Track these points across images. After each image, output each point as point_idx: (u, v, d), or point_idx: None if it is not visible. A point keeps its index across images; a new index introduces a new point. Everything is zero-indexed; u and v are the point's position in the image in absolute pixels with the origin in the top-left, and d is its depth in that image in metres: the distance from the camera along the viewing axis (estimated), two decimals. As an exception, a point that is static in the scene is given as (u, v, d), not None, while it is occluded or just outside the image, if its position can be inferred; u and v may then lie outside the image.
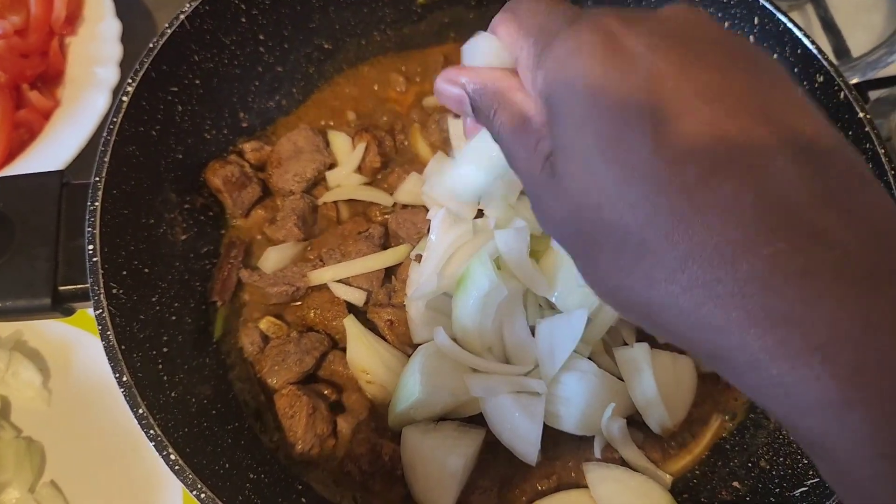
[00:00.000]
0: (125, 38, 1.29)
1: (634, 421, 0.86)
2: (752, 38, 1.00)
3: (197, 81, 0.93)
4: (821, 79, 0.92)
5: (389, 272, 0.94)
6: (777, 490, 0.78)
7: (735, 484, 0.82)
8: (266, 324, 0.89)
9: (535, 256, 0.88)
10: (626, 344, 0.90)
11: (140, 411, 0.67)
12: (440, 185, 0.87)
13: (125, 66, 1.25)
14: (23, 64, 1.23)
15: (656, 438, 0.87)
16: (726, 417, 0.90)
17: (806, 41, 0.92)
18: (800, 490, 0.75)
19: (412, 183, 1.00)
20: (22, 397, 1.06)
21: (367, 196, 1.00)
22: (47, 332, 1.10)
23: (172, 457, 0.65)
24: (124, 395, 0.68)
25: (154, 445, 0.66)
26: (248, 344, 0.88)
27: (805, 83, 0.94)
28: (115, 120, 0.80)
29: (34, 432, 1.04)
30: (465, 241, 0.88)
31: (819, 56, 0.91)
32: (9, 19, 1.25)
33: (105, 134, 0.79)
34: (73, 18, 1.30)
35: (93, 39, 1.28)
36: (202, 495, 0.64)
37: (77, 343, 1.09)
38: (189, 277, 0.90)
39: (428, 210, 0.97)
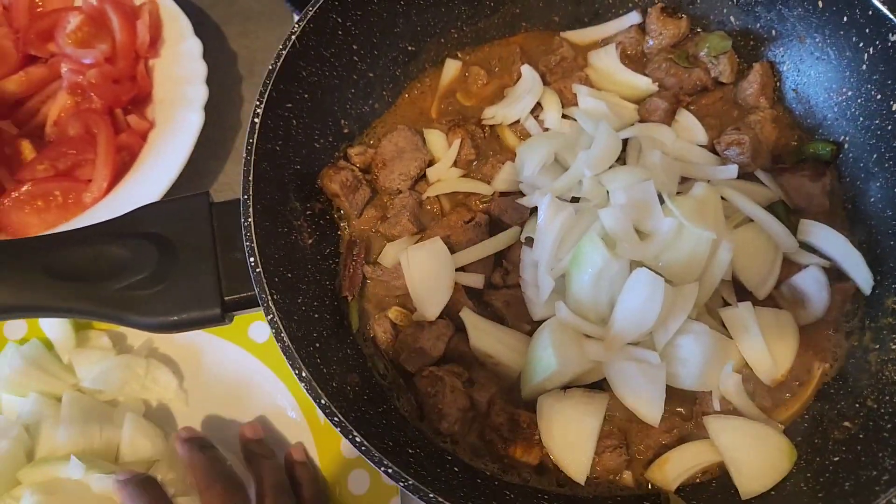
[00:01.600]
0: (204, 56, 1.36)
1: (743, 373, 0.93)
2: (820, 2, 1.04)
3: (306, 95, 1.00)
4: (893, 38, 0.96)
5: (499, 256, 1.01)
6: (889, 426, 0.84)
7: (846, 424, 0.89)
8: (395, 313, 0.97)
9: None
10: (726, 304, 0.97)
11: (323, 402, 0.75)
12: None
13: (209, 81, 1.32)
14: (116, 89, 1.31)
15: (766, 388, 0.94)
16: (827, 364, 0.96)
17: (877, 2, 0.97)
18: (911, 424, 0.82)
19: (507, 171, 1.07)
20: (162, 400, 1.16)
21: (468, 187, 1.06)
22: (176, 338, 1.19)
23: (358, 439, 0.74)
24: (306, 389, 0.76)
25: (340, 430, 0.74)
26: (381, 333, 0.96)
27: (878, 42, 0.99)
28: (251, 141, 0.88)
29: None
30: (572, 223, 0.95)
31: (892, 16, 0.96)
32: (98, 48, 1.33)
33: (245, 154, 0.87)
34: (155, 41, 1.37)
35: (176, 59, 1.36)
36: (389, 470, 0.73)
37: (205, 346, 1.18)
38: (320, 277, 0.98)
39: (525, 195, 1.03)
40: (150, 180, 1.25)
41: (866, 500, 0.74)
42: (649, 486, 0.90)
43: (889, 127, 1.00)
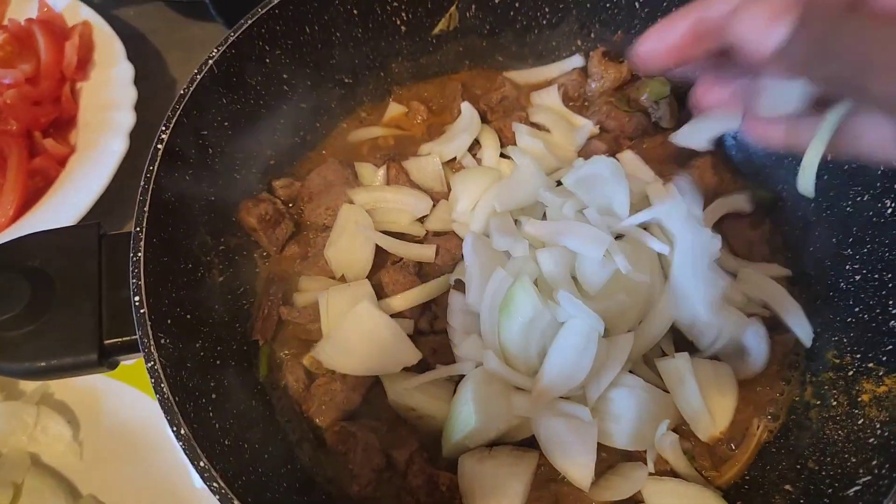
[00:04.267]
0: (137, 80, 1.29)
1: (681, 430, 0.87)
2: (759, 51, 1.04)
3: (226, 123, 0.94)
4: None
5: (428, 301, 0.95)
6: (829, 491, 0.79)
7: (787, 487, 0.84)
8: (309, 360, 0.89)
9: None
10: (665, 355, 0.92)
11: (202, 464, 0.66)
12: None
13: (140, 108, 1.26)
14: (35, 112, 1.23)
15: (704, 447, 0.88)
16: (769, 418, 0.91)
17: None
18: (853, 489, 0.77)
19: (442, 210, 1.01)
20: (52, 453, 1.04)
21: (399, 227, 1.00)
22: (74, 382, 1.08)
23: (241, 506, 0.65)
24: (183, 449, 0.67)
25: (219, 499, 0.65)
26: (292, 381, 0.88)
27: (814, 92, 0.98)
28: (151, 168, 0.81)
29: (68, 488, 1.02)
30: (500, 263, 0.89)
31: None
32: (19, 68, 1.25)
33: (143, 183, 0.80)
34: (85, 63, 1.30)
35: (105, 84, 1.29)
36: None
37: (105, 392, 1.07)
38: (229, 319, 0.90)
39: (459, 236, 0.98)
40: (63, 208, 1.16)
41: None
42: (579, 557, 0.82)
43: (825, 176, 0.99)
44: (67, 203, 1.17)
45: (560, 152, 1.06)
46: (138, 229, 0.76)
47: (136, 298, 0.73)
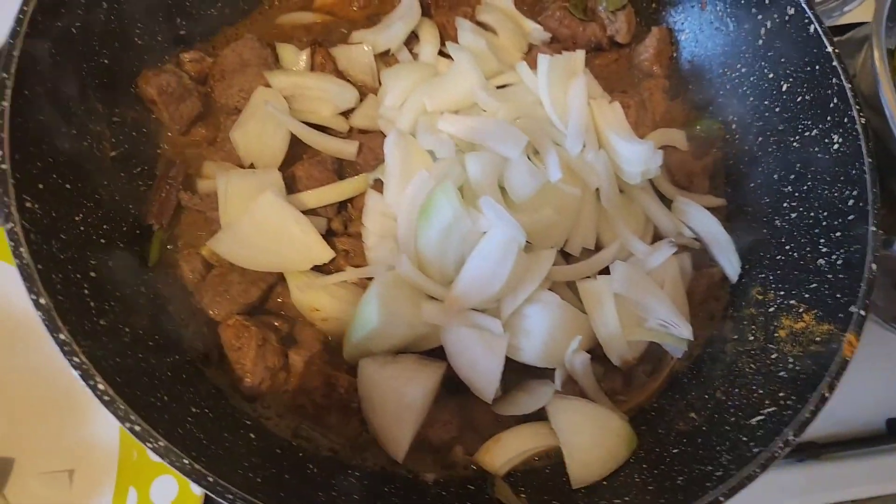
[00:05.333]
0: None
1: (594, 354, 0.85)
2: (722, -31, 0.97)
3: (126, -28, 0.82)
4: (791, 11, 0.90)
5: (347, 200, 0.88)
6: (733, 419, 0.78)
7: (692, 415, 0.83)
8: (208, 251, 0.82)
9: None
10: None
11: (61, 336, 0.59)
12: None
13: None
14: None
15: (616, 371, 0.86)
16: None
17: (778, -27, 0.90)
18: (756, 419, 0.76)
19: (369, 105, 0.93)
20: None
21: (320, 119, 0.92)
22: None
23: (101, 387, 0.59)
24: (42, 319, 0.60)
25: (79, 375, 0.59)
26: (188, 272, 0.81)
27: (776, 16, 0.92)
28: (24, 9, 0.69)
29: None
30: (424, 165, 0.83)
31: (791, -12, 0.89)
32: None
33: (13, 24, 0.68)
34: None
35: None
36: (136, 428, 0.58)
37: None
38: (120, 198, 0.81)
39: (385, 134, 0.91)
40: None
41: (694, 495, 0.67)
42: (475, 469, 0.80)
43: (777, 109, 0.95)
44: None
45: (504, 56, 0.98)
46: (5, 75, 0.66)
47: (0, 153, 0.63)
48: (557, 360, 0.81)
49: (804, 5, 0.88)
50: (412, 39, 0.99)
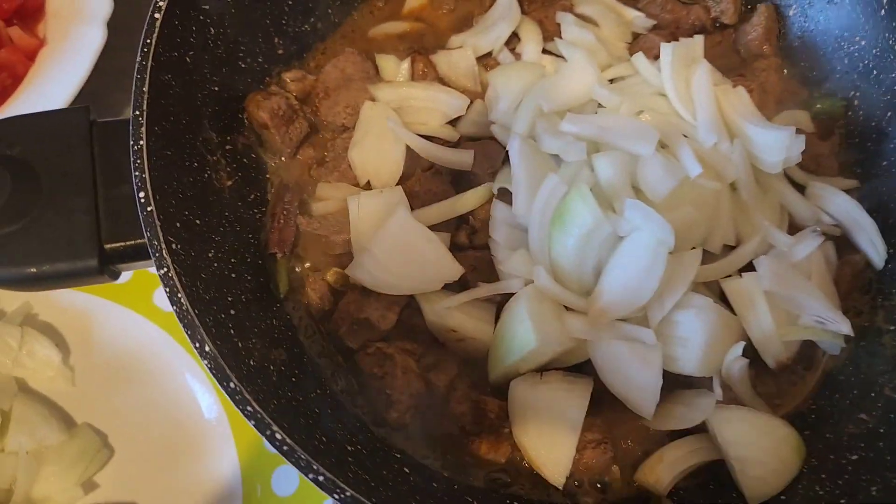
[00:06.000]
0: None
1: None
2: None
3: (231, 7, 0.79)
4: (925, -25, 0.84)
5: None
6: (913, 418, 0.73)
7: (862, 416, 0.77)
8: (334, 276, 0.79)
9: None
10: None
11: (232, 385, 0.56)
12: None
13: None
14: (-6, -3, 1.05)
15: (767, 374, 0.81)
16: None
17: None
18: (941, 416, 0.70)
19: (476, 111, 0.89)
20: (41, 378, 0.93)
21: (429, 130, 0.88)
22: (59, 302, 0.96)
23: (279, 435, 0.56)
24: (210, 367, 0.57)
25: (254, 425, 0.56)
26: (315, 299, 0.78)
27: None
28: (148, 42, 0.67)
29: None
30: (550, 169, 0.79)
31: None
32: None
33: (140, 59, 0.66)
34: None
35: (74, -34, 1.10)
36: (321, 478, 0.55)
37: (95, 311, 0.96)
38: (241, 229, 0.78)
39: (500, 141, 0.86)
40: (37, 106, 1.01)
41: (903, 508, 0.61)
42: (636, 488, 0.76)
43: (909, 78, 0.88)
44: (40, 102, 1.01)
45: (611, 47, 0.93)
46: (137, 113, 0.63)
47: (142, 195, 0.61)
48: (716, 368, 0.76)
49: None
50: (511, 39, 0.94)
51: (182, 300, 0.58)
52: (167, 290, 0.58)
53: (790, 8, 1.00)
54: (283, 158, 0.86)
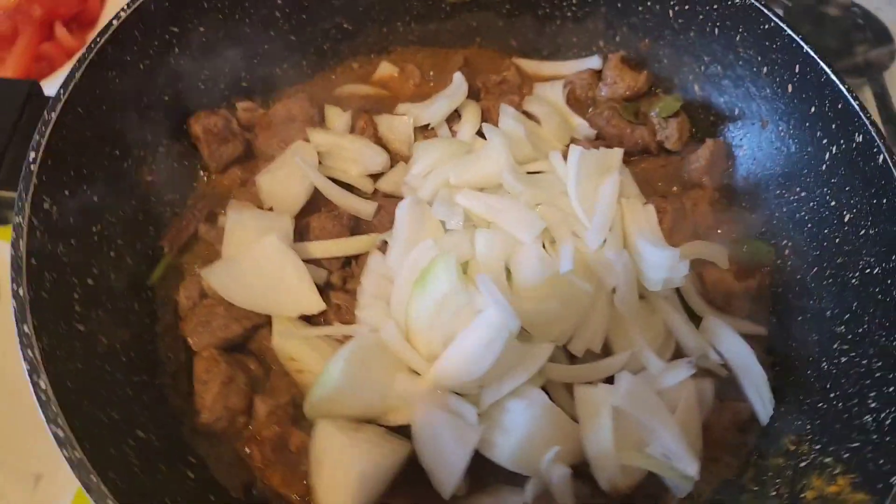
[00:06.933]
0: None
1: (582, 472, 0.75)
2: (790, 87, 0.92)
3: (201, 28, 0.91)
4: (859, 139, 0.83)
5: (351, 257, 0.87)
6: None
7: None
8: (207, 282, 0.83)
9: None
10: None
11: (25, 329, 0.61)
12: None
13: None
14: (58, 1, 1.25)
15: (603, 498, 0.75)
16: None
17: (849, 96, 0.84)
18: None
19: (399, 172, 0.94)
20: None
21: (348, 178, 0.94)
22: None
23: (42, 384, 0.59)
24: (14, 309, 0.62)
25: (27, 369, 0.59)
26: (184, 297, 0.82)
27: (842, 142, 0.86)
28: (97, 40, 0.78)
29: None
30: (431, 233, 0.82)
31: (861, 114, 0.83)
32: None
33: (84, 51, 0.77)
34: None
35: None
36: (59, 433, 0.57)
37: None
38: (144, 219, 0.86)
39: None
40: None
41: None
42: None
43: (836, 239, 0.86)
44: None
45: (543, 146, 0.97)
46: (61, 90, 0.73)
47: (32, 154, 0.69)
48: (532, 468, 0.72)
49: (874, 134, 0.81)
50: (455, 119, 1.01)
51: (21, 246, 0.64)
52: (13, 235, 0.65)
53: (740, 148, 1.01)
54: (211, 174, 0.94)
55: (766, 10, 0.90)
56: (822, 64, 0.86)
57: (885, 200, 0.79)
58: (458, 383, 0.74)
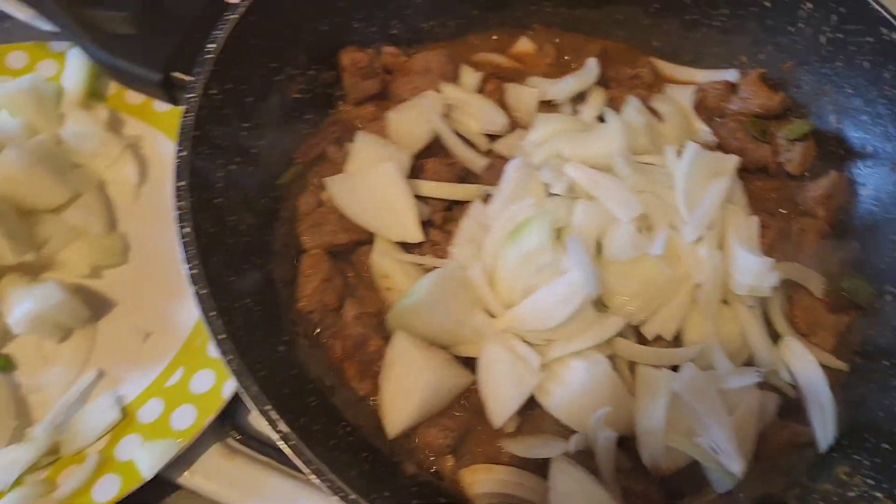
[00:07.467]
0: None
1: (627, 446, 0.78)
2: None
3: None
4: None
5: (455, 202, 0.94)
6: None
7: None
8: (327, 195, 0.92)
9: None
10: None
11: (180, 183, 0.72)
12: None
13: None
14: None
15: (641, 474, 0.78)
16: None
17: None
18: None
19: (515, 137, 1.00)
20: (118, 186, 1.17)
21: (468, 132, 1.00)
22: (162, 147, 1.20)
23: (187, 230, 0.69)
24: (176, 166, 0.73)
25: (178, 216, 0.70)
26: (303, 203, 0.92)
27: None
28: (283, -36, 0.88)
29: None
30: (534, 194, 0.87)
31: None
32: None
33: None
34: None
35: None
36: (194, 272, 0.67)
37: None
38: (284, 131, 0.96)
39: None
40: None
41: None
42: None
43: (943, 288, 0.83)
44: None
45: (660, 141, 0.98)
46: (242, 10, 0.84)
47: (212, 45, 0.80)
48: (581, 424, 0.76)
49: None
50: (580, 102, 1.04)
51: (190, 118, 0.75)
52: (185, 108, 0.76)
53: (864, 186, 0.98)
54: (348, 104, 1.03)
55: (921, 50, 0.88)
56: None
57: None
58: (530, 329, 0.78)
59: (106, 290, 1.04)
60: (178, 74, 0.85)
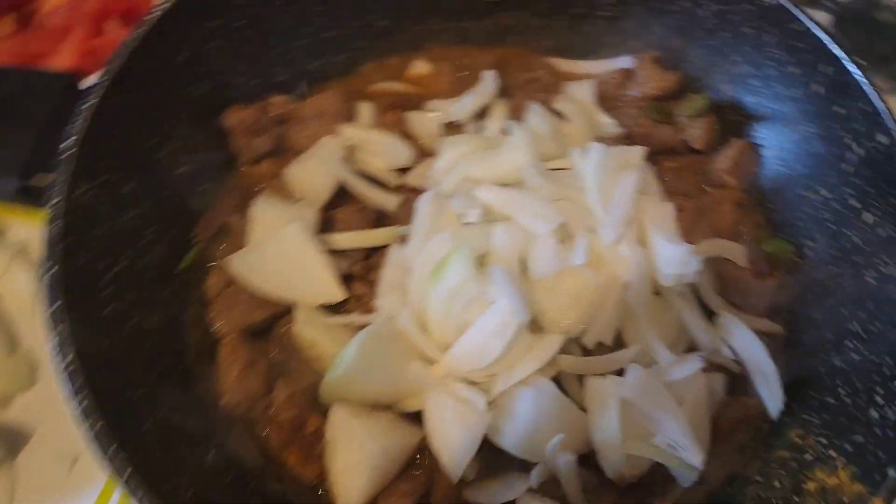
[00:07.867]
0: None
1: (589, 462, 0.77)
2: (817, 88, 0.91)
3: (244, 22, 0.94)
4: (884, 140, 0.83)
5: (375, 249, 0.90)
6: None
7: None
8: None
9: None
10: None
11: (54, 307, 0.66)
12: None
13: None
14: (110, -4, 1.31)
15: (610, 487, 0.77)
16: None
17: (874, 97, 0.83)
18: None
19: (424, 167, 0.96)
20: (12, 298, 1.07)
21: (375, 171, 0.97)
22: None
23: (69, 357, 0.64)
24: (46, 288, 0.66)
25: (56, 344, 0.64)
26: (213, 283, 0.87)
27: (866, 142, 0.85)
28: (139, 32, 0.83)
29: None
30: (450, 226, 0.84)
31: (885, 115, 0.82)
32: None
33: (128, 39, 0.81)
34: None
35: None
36: (84, 402, 0.61)
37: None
38: (176, 208, 0.90)
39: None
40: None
41: None
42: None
43: (855, 240, 0.85)
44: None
45: (569, 143, 0.97)
46: (105, 77, 0.78)
47: (73, 138, 0.74)
48: (538, 455, 0.74)
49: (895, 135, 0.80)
50: (485, 117, 1.02)
51: (57, 226, 0.69)
52: (50, 214, 0.69)
53: (768, 149, 1.00)
54: (243, 166, 0.98)
55: (794, 11, 0.90)
56: (847, 64, 0.85)
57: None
58: (468, 370, 0.76)
59: (18, 419, 0.94)
60: (37, 178, 0.78)
